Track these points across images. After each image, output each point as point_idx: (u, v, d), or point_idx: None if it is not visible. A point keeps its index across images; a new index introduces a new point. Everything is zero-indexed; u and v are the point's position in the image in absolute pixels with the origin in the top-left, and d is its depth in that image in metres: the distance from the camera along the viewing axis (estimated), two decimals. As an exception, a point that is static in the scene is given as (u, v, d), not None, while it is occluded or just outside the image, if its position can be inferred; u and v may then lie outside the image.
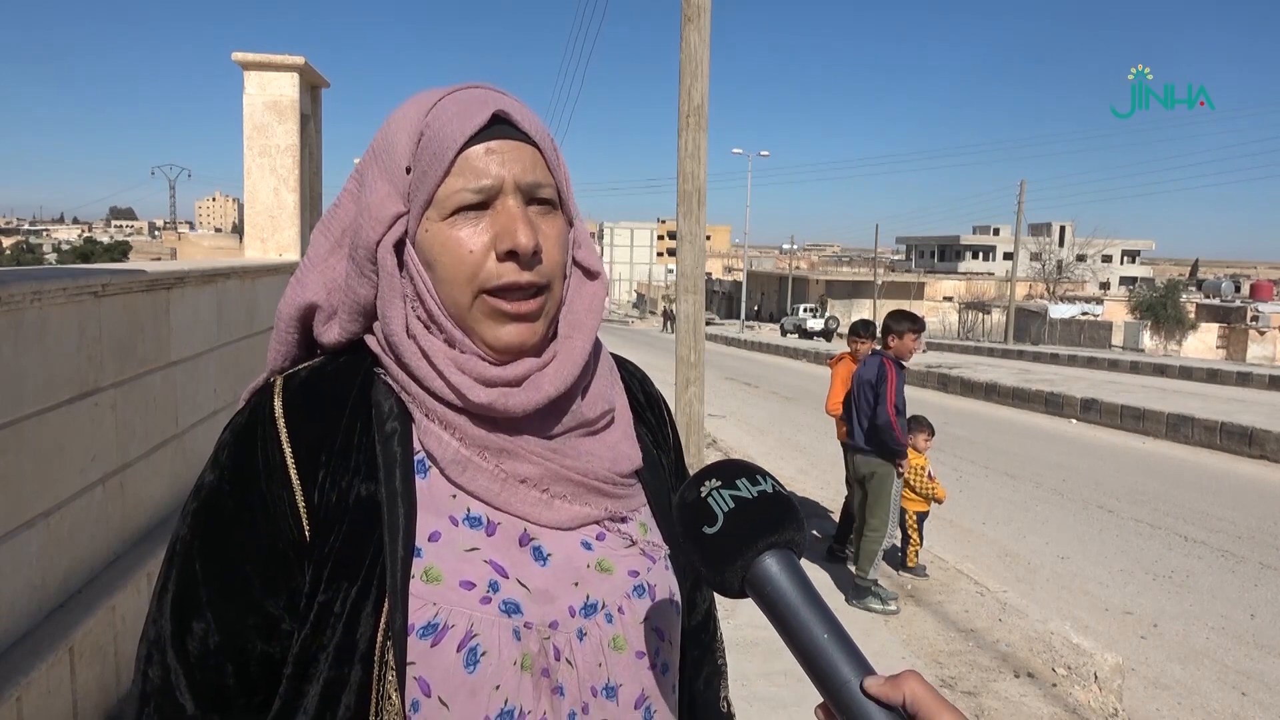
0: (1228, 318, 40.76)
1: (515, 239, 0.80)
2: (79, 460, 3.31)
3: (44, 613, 3.05)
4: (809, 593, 0.68)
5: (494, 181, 0.82)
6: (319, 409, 0.84)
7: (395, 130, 0.85)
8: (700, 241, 7.32)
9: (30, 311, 2.94)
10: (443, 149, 0.82)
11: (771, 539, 0.69)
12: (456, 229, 0.82)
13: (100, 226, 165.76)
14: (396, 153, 0.84)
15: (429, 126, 0.83)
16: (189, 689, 0.81)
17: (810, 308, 50.15)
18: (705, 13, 6.90)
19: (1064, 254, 58.30)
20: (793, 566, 0.69)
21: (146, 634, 0.84)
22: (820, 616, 0.67)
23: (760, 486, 0.73)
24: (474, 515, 0.82)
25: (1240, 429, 11.85)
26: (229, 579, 0.81)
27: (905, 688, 0.64)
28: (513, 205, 0.82)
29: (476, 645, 0.77)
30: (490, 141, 0.82)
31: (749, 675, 4.00)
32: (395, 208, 0.84)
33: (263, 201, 6.83)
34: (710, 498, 0.71)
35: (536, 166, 0.84)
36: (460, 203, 0.82)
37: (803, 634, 0.67)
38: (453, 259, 0.82)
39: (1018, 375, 19.59)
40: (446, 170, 0.82)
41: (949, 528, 7.08)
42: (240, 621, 0.81)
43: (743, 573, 0.69)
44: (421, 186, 0.83)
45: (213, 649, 0.81)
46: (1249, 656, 5.19)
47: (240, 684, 0.81)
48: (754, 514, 0.70)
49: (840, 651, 0.66)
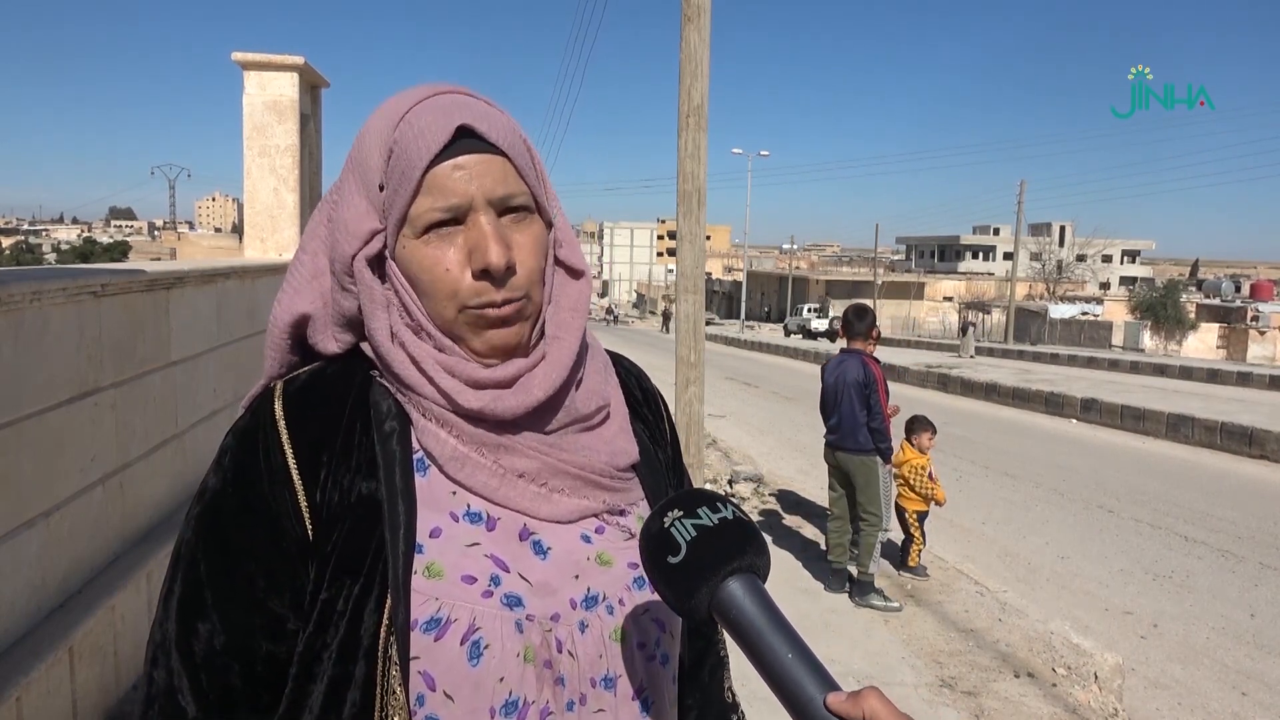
0: (1228, 318, 40.73)
1: (486, 258, 0.80)
2: (79, 460, 3.31)
3: (44, 613, 3.05)
4: (773, 614, 0.70)
5: (462, 200, 0.81)
6: (319, 410, 0.85)
7: (369, 144, 0.85)
8: (700, 241, 7.31)
9: (30, 311, 2.94)
10: (410, 168, 0.81)
11: (734, 564, 0.71)
12: (431, 247, 0.82)
13: (100, 226, 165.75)
14: (370, 169, 0.84)
15: (397, 143, 0.83)
16: (191, 692, 0.81)
17: (814, 308, 49.62)
18: (705, 13, 6.90)
19: (1064, 254, 58.26)
20: (756, 590, 0.71)
21: (153, 637, 0.84)
22: (785, 637, 0.69)
23: (721, 514, 0.74)
24: (474, 511, 0.83)
25: (1240, 429, 11.85)
26: (234, 580, 0.82)
27: (865, 705, 0.65)
28: (484, 222, 0.81)
29: (480, 638, 0.78)
30: (458, 157, 0.81)
31: (749, 675, 3.98)
32: (371, 224, 0.84)
33: (262, 201, 6.83)
34: (673, 528, 0.72)
35: (507, 177, 0.83)
36: (431, 220, 0.82)
37: (768, 655, 0.68)
38: (430, 277, 0.82)
39: (1018, 375, 19.60)
40: (415, 190, 0.81)
41: (949, 527, 7.08)
42: (246, 622, 0.81)
43: (708, 599, 0.70)
44: (394, 205, 0.83)
45: (218, 650, 0.81)
46: (1249, 656, 5.19)
47: (246, 685, 0.82)
48: (716, 541, 0.72)
49: (805, 670, 0.67)
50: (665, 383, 8.80)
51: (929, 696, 4.23)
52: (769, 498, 8.09)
